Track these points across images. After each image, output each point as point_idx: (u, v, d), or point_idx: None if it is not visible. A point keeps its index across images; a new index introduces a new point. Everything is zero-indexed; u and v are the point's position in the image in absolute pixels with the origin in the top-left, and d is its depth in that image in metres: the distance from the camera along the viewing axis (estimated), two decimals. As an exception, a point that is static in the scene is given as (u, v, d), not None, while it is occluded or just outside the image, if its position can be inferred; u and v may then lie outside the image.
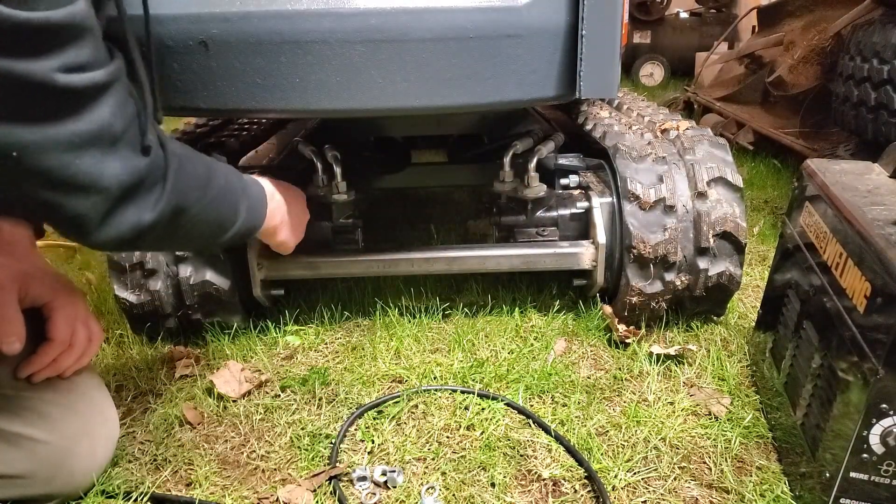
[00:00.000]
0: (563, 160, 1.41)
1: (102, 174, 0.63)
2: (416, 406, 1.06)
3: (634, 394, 1.09)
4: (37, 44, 0.54)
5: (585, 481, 0.90)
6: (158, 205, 0.71)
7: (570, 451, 0.95)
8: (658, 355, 1.17)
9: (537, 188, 1.28)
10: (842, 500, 0.75)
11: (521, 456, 0.94)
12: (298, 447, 0.97)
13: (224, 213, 0.89)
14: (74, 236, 0.68)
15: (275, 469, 0.93)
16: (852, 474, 0.73)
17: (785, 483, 0.89)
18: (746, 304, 1.40)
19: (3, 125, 0.55)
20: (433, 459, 0.94)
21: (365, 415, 1.04)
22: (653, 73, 5.43)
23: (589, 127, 1.43)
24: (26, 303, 0.78)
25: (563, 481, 0.90)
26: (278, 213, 1.06)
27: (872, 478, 0.73)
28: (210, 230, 0.87)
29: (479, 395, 1.07)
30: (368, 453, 0.96)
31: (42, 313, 0.81)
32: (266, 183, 1.04)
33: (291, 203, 1.11)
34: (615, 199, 1.24)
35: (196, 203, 0.79)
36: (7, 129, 0.56)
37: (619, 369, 1.15)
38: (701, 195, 1.17)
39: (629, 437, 0.98)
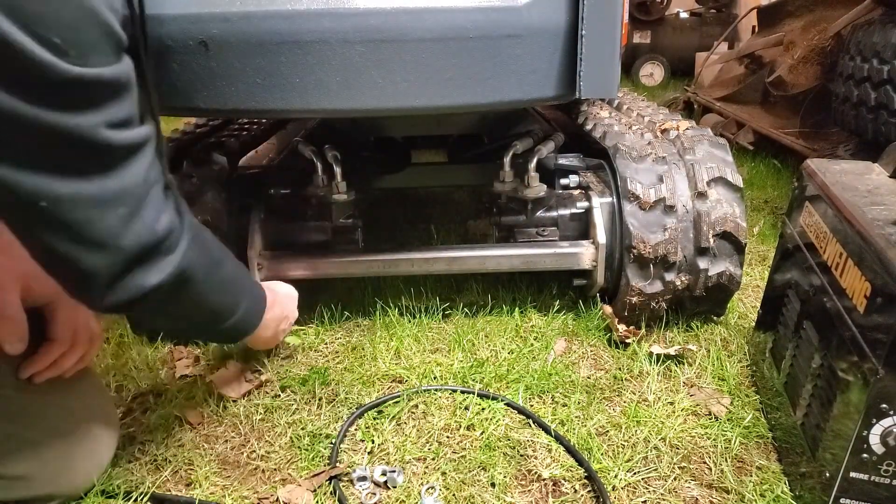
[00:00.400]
0: (563, 160, 1.41)
1: (124, 233, 0.64)
2: (416, 406, 1.06)
3: (634, 394, 1.09)
4: (85, 99, 0.56)
5: (585, 481, 0.90)
6: (167, 269, 0.71)
7: (570, 451, 0.95)
8: (658, 355, 1.17)
9: (537, 188, 1.28)
10: (842, 500, 0.75)
11: (521, 456, 0.94)
12: (298, 447, 0.97)
13: (226, 300, 0.87)
14: (80, 292, 0.69)
15: (275, 469, 0.93)
16: (852, 474, 0.73)
17: (785, 483, 0.89)
18: (746, 304, 1.40)
19: (37, 175, 0.56)
20: (433, 459, 0.94)
21: (365, 415, 1.04)
22: (653, 73, 5.43)
23: (589, 127, 1.43)
24: (28, 303, 0.78)
25: (563, 481, 0.90)
26: (272, 324, 1.03)
27: (872, 478, 0.73)
28: (208, 314, 0.86)
29: (479, 395, 1.07)
30: (368, 453, 0.96)
31: (43, 314, 0.81)
32: (269, 291, 1.01)
33: (286, 313, 1.09)
34: (615, 199, 1.24)
35: (203, 280, 0.78)
36: (40, 180, 0.57)
37: (619, 369, 1.15)
38: (701, 195, 1.17)
39: (629, 437, 0.98)
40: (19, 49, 0.50)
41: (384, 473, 0.90)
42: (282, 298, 1.08)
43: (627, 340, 1.21)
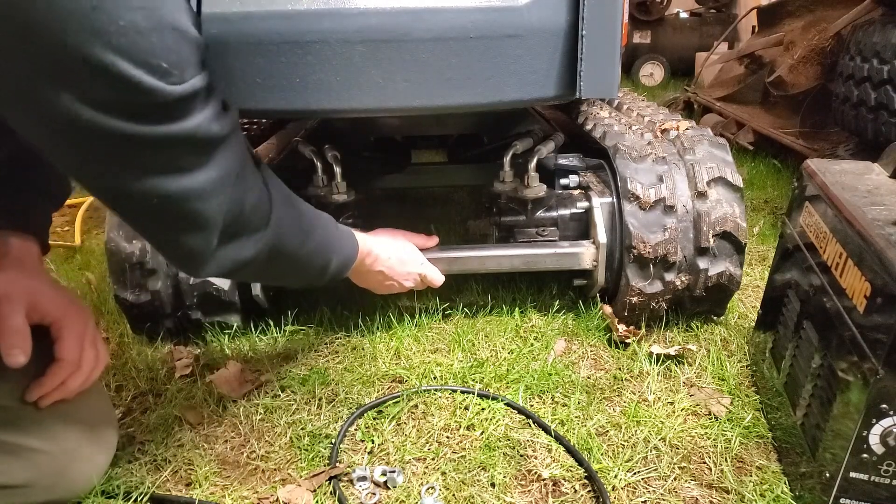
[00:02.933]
0: (563, 160, 1.41)
1: (220, 217, 0.71)
2: (416, 406, 1.06)
3: (634, 394, 1.09)
4: (186, 108, 0.61)
5: (585, 481, 0.90)
6: (258, 245, 0.79)
7: (570, 451, 0.95)
8: (658, 355, 1.17)
9: (537, 188, 1.28)
10: (842, 500, 0.75)
11: (521, 456, 0.94)
12: (298, 447, 0.97)
13: (316, 263, 0.95)
14: (183, 267, 0.77)
15: (275, 469, 0.93)
16: (852, 474, 0.73)
17: (785, 483, 0.89)
18: (746, 304, 1.40)
19: (151, 178, 0.63)
20: (433, 459, 0.94)
21: (365, 415, 1.04)
22: (653, 73, 5.43)
23: (589, 127, 1.43)
24: (34, 319, 0.77)
25: (563, 481, 0.90)
26: (370, 278, 1.12)
27: (872, 478, 0.73)
28: (298, 276, 0.97)
29: (479, 395, 1.07)
30: (368, 453, 0.96)
31: (50, 333, 0.80)
32: (367, 241, 1.08)
33: (392, 262, 1.14)
34: (615, 199, 1.24)
35: (293, 250, 0.87)
36: (154, 181, 0.63)
37: (619, 369, 1.15)
38: (701, 195, 1.17)
39: (629, 437, 0.98)
40: (136, 82, 0.55)
41: (384, 473, 0.90)
42: (384, 255, 1.12)
43: (627, 340, 1.21)
